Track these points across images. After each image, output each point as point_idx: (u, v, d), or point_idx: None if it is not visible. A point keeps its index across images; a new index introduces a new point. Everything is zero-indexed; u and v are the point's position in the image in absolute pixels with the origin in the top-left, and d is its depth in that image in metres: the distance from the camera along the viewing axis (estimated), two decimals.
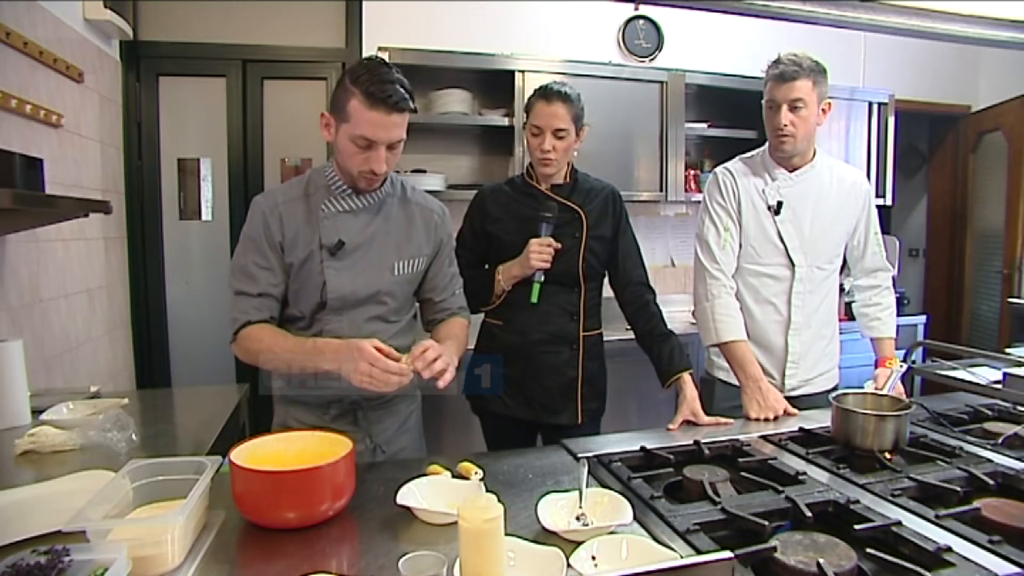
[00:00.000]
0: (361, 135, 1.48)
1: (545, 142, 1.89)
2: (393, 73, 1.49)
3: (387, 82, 1.46)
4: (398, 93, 1.47)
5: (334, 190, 1.62)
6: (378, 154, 1.51)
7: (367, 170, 1.53)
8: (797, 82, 1.90)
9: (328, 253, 1.58)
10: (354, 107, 1.47)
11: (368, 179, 1.56)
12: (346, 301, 1.61)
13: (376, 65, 1.50)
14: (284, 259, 1.60)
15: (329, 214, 1.60)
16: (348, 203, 1.62)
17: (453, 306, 1.81)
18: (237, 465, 1.17)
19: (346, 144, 1.52)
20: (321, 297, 1.60)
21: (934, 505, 1.26)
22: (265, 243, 1.58)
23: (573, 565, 1.01)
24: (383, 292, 1.65)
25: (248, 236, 1.60)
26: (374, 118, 1.47)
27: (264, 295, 1.58)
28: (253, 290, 1.58)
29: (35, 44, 2.30)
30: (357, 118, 1.47)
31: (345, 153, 1.54)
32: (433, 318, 1.82)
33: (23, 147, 2.19)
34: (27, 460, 1.57)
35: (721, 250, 2.05)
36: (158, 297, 3.60)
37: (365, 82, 1.46)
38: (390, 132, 1.50)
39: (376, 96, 1.45)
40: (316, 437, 1.34)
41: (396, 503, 1.19)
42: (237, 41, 3.59)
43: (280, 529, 1.17)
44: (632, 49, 3.94)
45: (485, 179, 3.66)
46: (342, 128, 1.51)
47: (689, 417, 1.82)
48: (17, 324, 2.19)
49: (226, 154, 3.65)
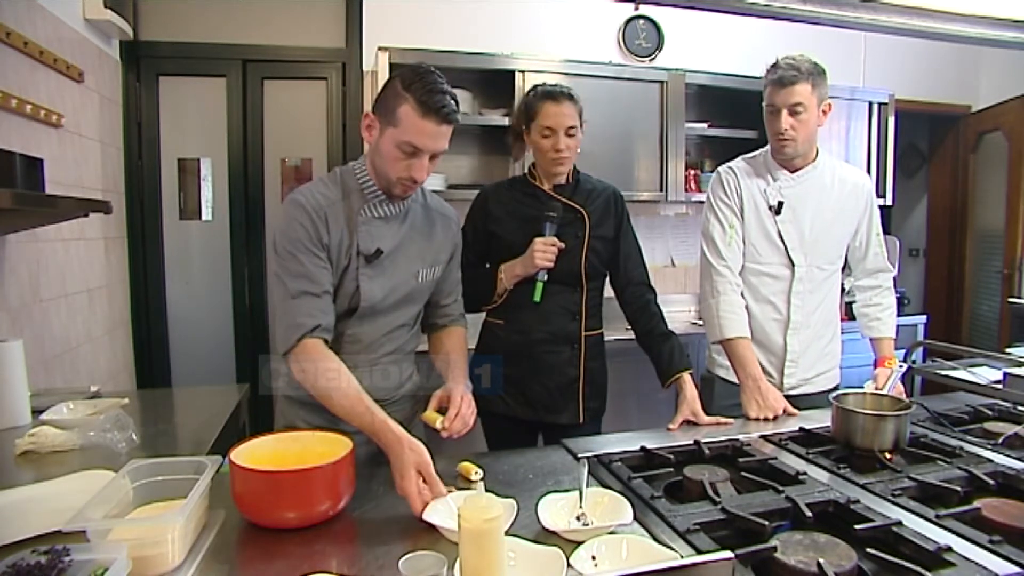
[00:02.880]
0: (409, 142, 1.46)
1: (559, 142, 1.90)
2: (444, 82, 1.48)
3: (440, 92, 1.45)
4: (450, 105, 1.46)
5: (368, 195, 1.58)
6: (421, 163, 1.49)
7: (407, 177, 1.51)
8: (796, 86, 1.90)
9: (364, 260, 1.56)
10: (405, 113, 1.45)
11: (406, 186, 1.54)
12: (375, 308, 1.60)
13: (428, 73, 1.47)
14: None
15: (366, 220, 1.58)
16: (382, 209, 1.60)
17: (455, 312, 1.82)
18: (237, 465, 1.17)
19: (390, 149, 1.49)
20: (351, 304, 1.57)
21: (934, 505, 1.26)
22: (317, 243, 1.51)
23: (573, 565, 1.01)
24: (409, 299, 1.66)
25: (296, 238, 1.50)
26: (425, 127, 1.45)
27: (328, 293, 1.52)
28: (317, 289, 1.49)
29: (35, 44, 2.30)
30: (407, 125, 1.45)
31: (388, 157, 1.50)
32: (434, 322, 1.81)
33: (23, 147, 2.19)
34: (27, 460, 1.57)
35: (727, 247, 2.06)
36: (158, 297, 3.60)
37: (419, 90, 1.43)
38: (437, 142, 1.49)
39: (429, 105, 1.43)
40: (316, 437, 1.34)
41: (421, 520, 1.17)
42: (237, 41, 3.59)
43: (280, 529, 1.18)
44: (632, 49, 3.94)
45: (485, 179, 3.66)
46: (388, 132, 1.48)
47: (689, 417, 1.83)
48: (17, 324, 2.19)
49: (226, 154, 3.65)
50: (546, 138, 1.92)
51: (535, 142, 1.96)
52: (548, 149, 1.92)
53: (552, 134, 1.90)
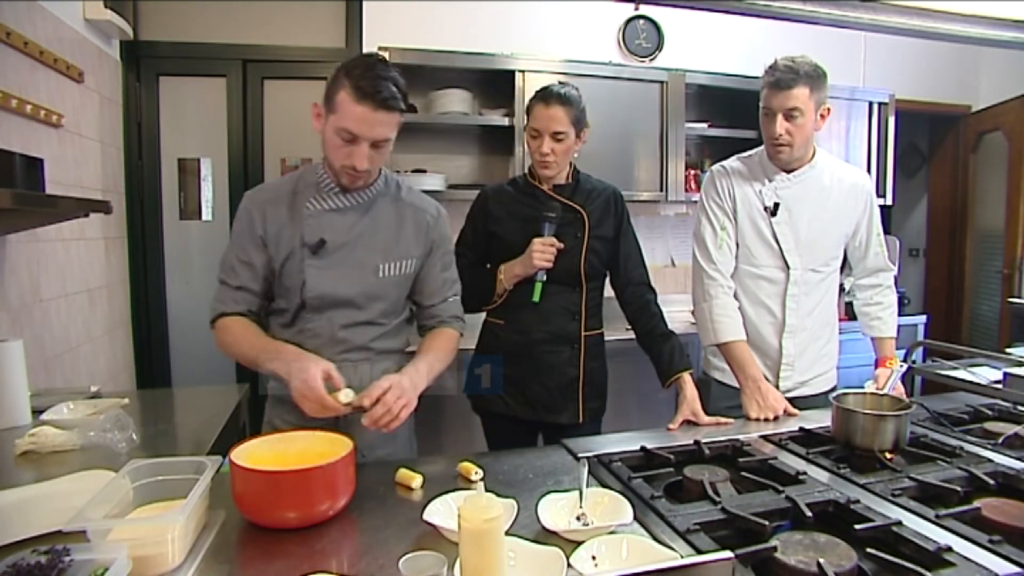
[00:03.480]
0: (345, 128, 1.46)
1: (543, 145, 1.89)
2: (389, 71, 1.47)
3: (379, 78, 1.44)
4: (388, 90, 1.44)
5: (322, 187, 1.61)
6: (360, 150, 1.48)
7: (348, 165, 1.50)
8: (793, 90, 1.86)
9: (309, 251, 1.57)
10: (342, 99, 1.45)
11: (350, 175, 1.54)
12: (325, 301, 1.60)
13: (373, 61, 1.48)
14: (268, 255, 1.60)
15: (314, 212, 1.59)
16: (335, 201, 1.60)
17: (444, 314, 1.76)
18: (237, 465, 1.17)
19: (331, 136, 1.50)
20: (301, 296, 1.59)
21: (934, 505, 1.26)
22: (247, 238, 1.59)
23: (573, 565, 1.01)
24: (366, 294, 1.63)
25: (235, 230, 1.63)
26: (360, 112, 1.44)
27: (242, 289, 1.60)
28: (233, 282, 1.60)
29: (35, 44, 2.30)
30: (343, 110, 1.46)
31: (329, 145, 1.52)
32: (423, 324, 1.79)
33: (23, 147, 2.19)
34: (27, 460, 1.57)
35: (718, 250, 2.04)
36: (158, 297, 3.61)
37: (357, 76, 1.44)
38: (374, 129, 1.47)
39: (365, 90, 1.43)
40: (317, 437, 1.34)
41: (423, 519, 1.17)
42: (237, 41, 3.59)
43: (280, 529, 1.18)
44: (632, 49, 3.94)
45: (485, 179, 3.66)
46: (330, 119, 1.50)
47: (689, 417, 1.82)
48: (17, 324, 2.19)
49: (226, 154, 3.65)
50: (534, 139, 1.92)
51: (527, 142, 1.96)
52: (534, 151, 1.92)
53: (538, 136, 1.90)
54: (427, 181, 3.36)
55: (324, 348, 1.59)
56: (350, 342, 1.64)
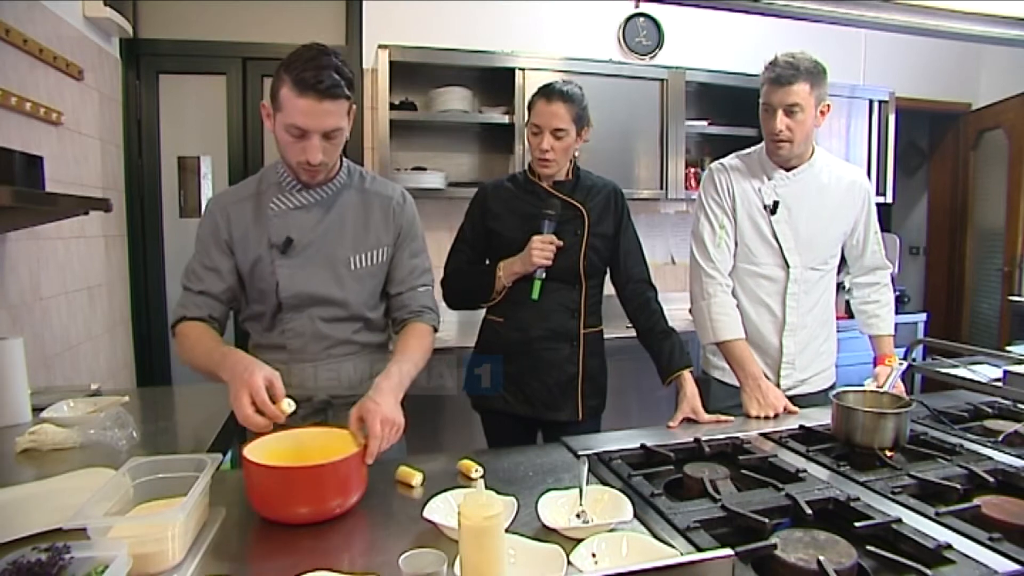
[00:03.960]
0: (293, 123, 1.43)
1: (544, 142, 1.89)
2: (330, 59, 1.42)
3: (319, 68, 1.39)
4: (331, 79, 1.40)
5: (284, 186, 1.59)
6: (312, 144, 1.45)
7: (303, 160, 1.47)
8: (794, 86, 1.86)
9: (278, 252, 1.56)
10: (285, 95, 1.42)
11: (307, 171, 1.51)
12: (301, 299, 1.59)
13: (312, 52, 1.42)
14: (235, 259, 1.58)
15: (279, 211, 1.58)
16: (298, 199, 1.59)
17: (414, 304, 1.69)
18: (250, 461, 1.18)
19: (281, 134, 1.47)
20: (276, 297, 1.58)
21: (934, 502, 1.26)
22: (212, 243, 1.58)
23: (573, 562, 1.01)
24: (341, 288, 1.62)
25: (198, 236, 1.61)
26: (303, 106, 1.40)
27: (204, 293, 1.58)
28: (195, 287, 1.58)
29: (35, 42, 2.30)
30: (288, 107, 1.42)
31: (281, 143, 1.50)
32: (395, 317, 1.72)
33: (23, 145, 2.18)
34: (27, 458, 1.57)
35: (716, 248, 2.04)
36: (158, 295, 3.60)
37: (296, 68, 1.40)
38: (322, 120, 1.43)
39: (307, 82, 1.39)
40: (334, 434, 1.35)
41: (423, 517, 1.16)
42: (237, 39, 3.59)
43: (284, 525, 1.18)
44: (632, 47, 3.94)
45: (485, 177, 3.65)
46: (277, 118, 1.47)
47: (689, 415, 1.82)
48: (17, 322, 2.19)
49: (226, 152, 3.65)
50: (535, 135, 1.91)
51: (528, 139, 1.95)
52: (534, 147, 1.92)
53: (539, 132, 1.89)
54: (427, 179, 3.36)
55: (308, 346, 1.60)
56: (333, 337, 1.63)
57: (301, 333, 1.61)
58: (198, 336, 1.53)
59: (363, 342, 1.68)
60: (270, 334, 1.62)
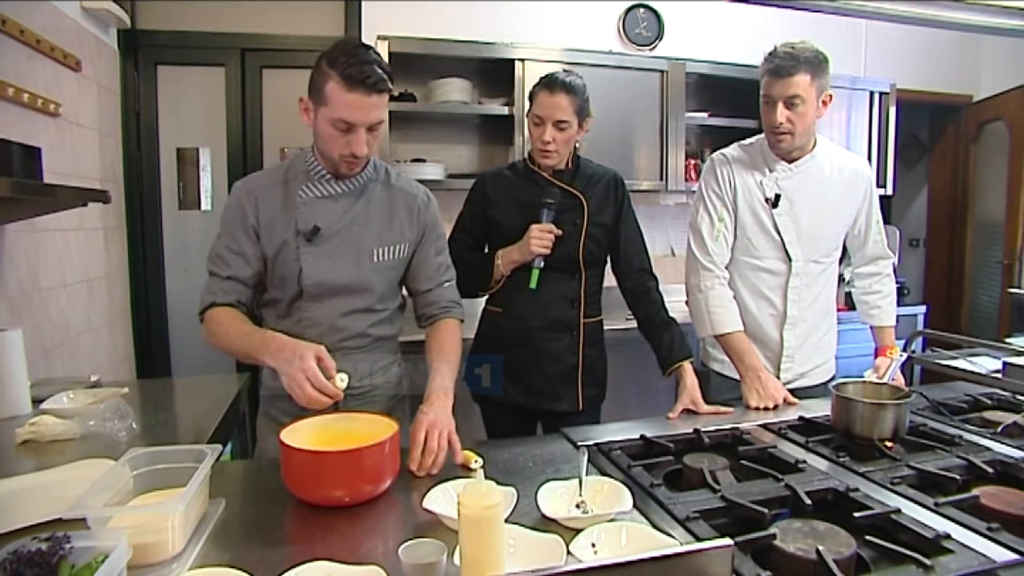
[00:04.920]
0: (340, 118, 1.47)
1: (546, 133, 1.88)
2: (371, 54, 1.47)
3: (364, 63, 1.44)
4: (376, 74, 1.45)
5: (313, 175, 1.60)
6: (358, 137, 1.49)
7: (348, 153, 1.51)
8: (794, 77, 1.82)
9: (304, 239, 1.57)
10: (332, 90, 1.45)
11: (349, 163, 1.55)
12: (323, 288, 1.60)
13: (353, 46, 1.48)
14: (261, 245, 1.59)
15: (307, 200, 1.59)
16: (327, 188, 1.61)
17: (442, 299, 1.75)
18: (285, 444, 1.22)
19: (326, 128, 1.50)
20: (298, 285, 1.59)
21: (933, 493, 1.26)
22: (239, 228, 1.58)
23: (573, 552, 1.01)
24: (362, 280, 1.63)
25: (224, 220, 1.61)
26: (352, 100, 1.45)
27: (232, 279, 1.58)
28: (223, 272, 1.58)
29: (32, 32, 2.29)
30: (335, 101, 1.46)
31: (325, 137, 1.52)
32: (423, 312, 1.77)
33: (21, 136, 2.17)
34: (27, 449, 1.57)
35: (714, 241, 2.02)
36: (158, 287, 3.60)
37: (342, 64, 1.44)
38: (369, 114, 1.48)
39: (354, 78, 1.43)
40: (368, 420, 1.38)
41: (423, 508, 1.17)
42: (236, 30, 3.57)
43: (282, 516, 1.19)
44: (632, 38, 3.92)
45: (485, 168, 3.64)
46: (320, 112, 1.50)
47: (689, 406, 1.83)
48: (16, 314, 2.19)
49: (225, 144, 3.64)
50: (536, 126, 1.91)
51: (529, 129, 1.95)
52: (536, 138, 1.91)
53: (541, 123, 1.89)
54: (426, 170, 3.35)
55: (323, 336, 1.60)
56: (349, 329, 1.64)
57: (318, 323, 1.62)
58: (230, 320, 1.55)
59: (377, 335, 1.70)
60: (285, 321, 1.63)
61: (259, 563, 1.00)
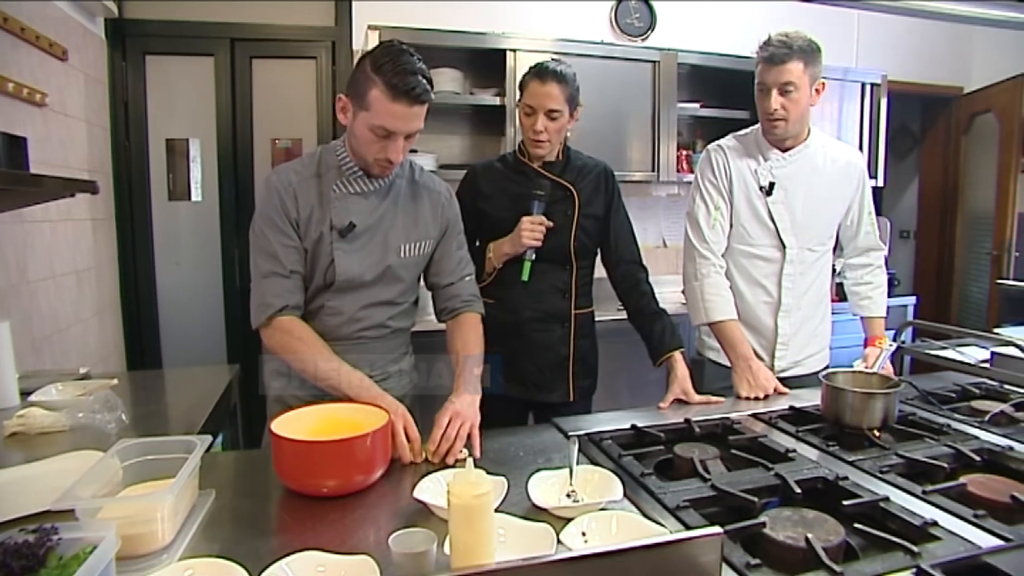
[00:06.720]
0: (381, 125, 1.46)
1: (538, 122, 1.87)
2: (416, 63, 1.45)
3: (410, 73, 1.42)
4: (421, 85, 1.44)
5: (345, 171, 1.59)
6: (396, 144, 1.49)
7: (383, 158, 1.51)
8: (788, 65, 1.85)
9: (338, 235, 1.57)
10: (375, 97, 1.44)
11: (383, 167, 1.55)
12: (352, 283, 1.61)
13: (398, 53, 1.45)
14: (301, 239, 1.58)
15: (340, 195, 1.59)
16: (359, 185, 1.60)
17: (464, 292, 1.76)
18: (276, 434, 1.22)
19: (364, 132, 1.49)
20: (327, 278, 1.59)
21: (921, 481, 1.27)
22: (287, 222, 1.56)
23: (563, 541, 1.01)
24: (390, 274, 1.65)
25: (267, 216, 1.57)
26: (396, 110, 1.44)
27: (295, 273, 1.57)
28: (284, 269, 1.55)
29: (16, 20, 2.26)
30: (378, 108, 1.45)
31: (363, 140, 1.51)
32: (445, 306, 1.78)
33: (6, 126, 2.15)
34: (15, 442, 1.56)
35: (711, 229, 2.04)
36: (148, 278, 3.58)
37: (388, 72, 1.42)
38: (410, 123, 1.48)
39: (399, 88, 1.42)
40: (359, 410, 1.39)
41: (413, 497, 1.17)
42: (225, 19, 3.53)
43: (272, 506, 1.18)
44: (625, 28, 3.91)
45: (476, 159, 3.64)
46: (360, 116, 1.48)
47: (680, 396, 1.83)
48: (4, 305, 2.17)
49: (215, 134, 3.61)
50: (528, 116, 1.90)
51: (520, 119, 1.94)
52: (527, 128, 1.91)
53: (533, 113, 1.88)
54: (418, 161, 3.31)
55: (343, 326, 1.63)
56: (369, 320, 1.66)
57: (340, 313, 1.62)
58: (312, 340, 1.53)
59: (394, 327, 1.72)
60: (306, 308, 1.62)
61: (249, 553, 1.00)
